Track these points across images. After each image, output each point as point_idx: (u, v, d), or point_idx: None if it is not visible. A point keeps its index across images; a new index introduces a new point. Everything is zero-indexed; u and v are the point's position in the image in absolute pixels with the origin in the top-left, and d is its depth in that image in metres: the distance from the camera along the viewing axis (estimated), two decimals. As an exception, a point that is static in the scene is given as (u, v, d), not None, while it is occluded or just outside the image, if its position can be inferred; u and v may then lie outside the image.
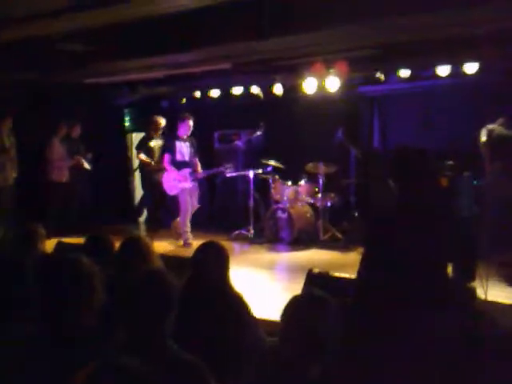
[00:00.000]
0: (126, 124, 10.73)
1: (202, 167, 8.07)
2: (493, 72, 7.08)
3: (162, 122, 8.53)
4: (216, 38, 5.93)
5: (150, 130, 8.56)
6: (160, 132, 8.55)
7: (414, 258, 2.68)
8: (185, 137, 7.82)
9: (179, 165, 7.75)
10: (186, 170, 7.79)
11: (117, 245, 3.42)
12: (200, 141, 8.24)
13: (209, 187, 9.92)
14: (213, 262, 2.98)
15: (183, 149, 7.83)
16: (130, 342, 2.04)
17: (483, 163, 6.59)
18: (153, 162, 8.39)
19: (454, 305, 2.72)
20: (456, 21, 5.14)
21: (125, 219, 9.70)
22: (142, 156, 8.45)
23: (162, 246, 7.53)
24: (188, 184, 7.79)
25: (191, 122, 7.78)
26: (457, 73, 7.20)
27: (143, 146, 8.51)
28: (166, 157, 7.77)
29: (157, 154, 8.40)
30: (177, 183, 7.75)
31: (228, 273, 3.03)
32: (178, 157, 7.78)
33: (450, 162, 6.89)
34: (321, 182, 8.05)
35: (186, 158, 7.83)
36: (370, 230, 2.95)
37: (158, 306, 2.08)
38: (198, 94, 9.49)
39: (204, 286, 2.89)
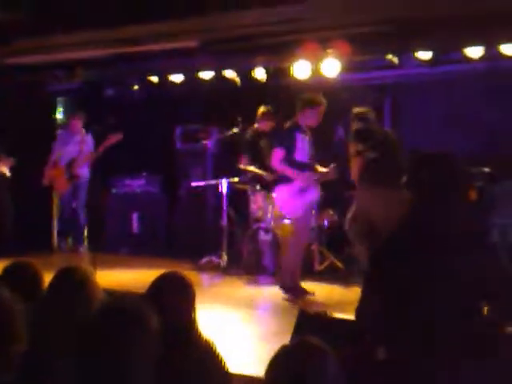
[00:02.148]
0: (59, 117, 10.68)
1: (159, 174, 8.06)
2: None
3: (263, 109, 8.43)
4: (179, 8, 5.96)
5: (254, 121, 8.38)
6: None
7: (436, 302, 2.71)
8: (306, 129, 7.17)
9: (301, 167, 7.02)
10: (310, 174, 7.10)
11: (46, 277, 3.40)
12: (156, 139, 8.26)
13: (169, 201, 9.91)
14: (173, 300, 2.96)
15: (306, 145, 7.13)
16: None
17: None
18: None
19: (494, 358, 2.75)
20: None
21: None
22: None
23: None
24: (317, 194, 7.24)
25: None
26: (492, 55, 7.31)
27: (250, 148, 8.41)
28: (281, 153, 6.94)
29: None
30: (303, 196, 7.03)
31: (194, 314, 3.02)
32: (299, 155, 7.03)
33: (486, 169, 6.96)
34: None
35: (307, 159, 7.14)
36: (370, 261, 2.98)
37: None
38: (154, 78, 9.50)
39: (162, 333, 2.86)
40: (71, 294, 3.07)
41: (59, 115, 10.75)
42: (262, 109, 8.42)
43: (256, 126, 8.46)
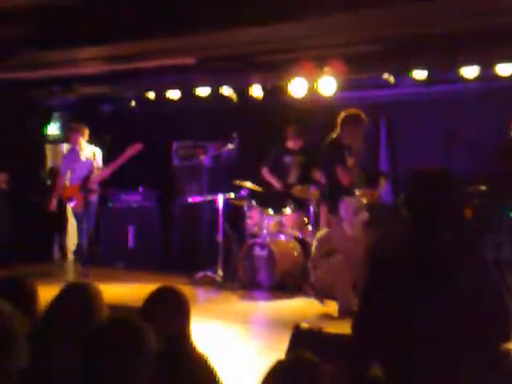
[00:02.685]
0: (54, 132, 10.68)
1: (155, 189, 8.05)
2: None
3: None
4: (176, 25, 5.99)
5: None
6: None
7: (427, 316, 2.71)
8: None
9: None
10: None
11: (41, 292, 3.39)
12: (154, 155, 8.27)
13: (164, 216, 9.91)
14: (167, 314, 2.96)
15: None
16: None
17: None
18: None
19: (486, 372, 2.74)
20: (486, 8, 5.28)
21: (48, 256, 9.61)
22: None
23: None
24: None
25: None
26: (487, 75, 7.37)
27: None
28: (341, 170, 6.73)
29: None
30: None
31: (189, 328, 3.02)
32: None
33: (482, 187, 6.98)
34: (311, 210, 8.10)
35: None
36: (367, 277, 2.96)
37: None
38: (151, 95, 9.53)
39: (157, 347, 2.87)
40: (79, 310, 3.07)
41: (54, 130, 10.74)
42: (291, 127, 8.52)
43: (288, 143, 8.58)
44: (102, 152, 8.67)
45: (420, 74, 7.66)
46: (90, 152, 8.66)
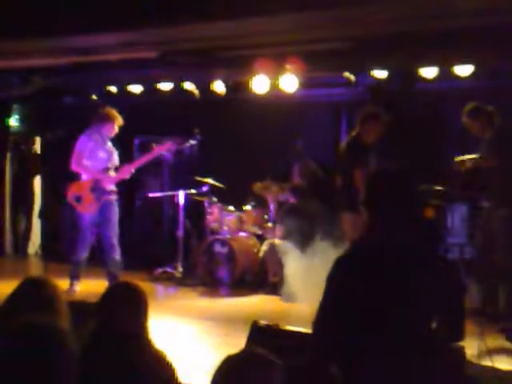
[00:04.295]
0: (13, 124, 10.53)
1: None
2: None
3: None
4: (139, 18, 5.94)
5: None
6: None
7: (385, 315, 2.73)
8: None
9: None
10: None
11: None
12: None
13: (126, 211, 9.82)
14: (125, 310, 2.94)
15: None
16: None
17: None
18: None
19: (438, 370, 2.78)
20: (443, 10, 5.36)
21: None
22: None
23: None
24: None
25: None
26: (445, 75, 7.47)
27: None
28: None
29: None
30: None
31: (146, 324, 3.00)
32: None
33: (440, 188, 7.05)
34: (272, 207, 8.12)
35: None
36: (328, 276, 2.98)
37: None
38: (113, 88, 9.46)
39: (112, 342, 2.85)
40: (37, 306, 3.02)
41: (14, 122, 10.58)
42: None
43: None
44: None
45: (380, 74, 7.75)
46: (111, 147, 7.82)
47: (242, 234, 8.35)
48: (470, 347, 4.30)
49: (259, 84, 8.04)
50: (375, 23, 5.78)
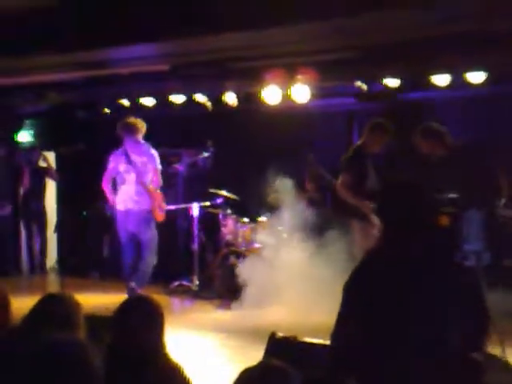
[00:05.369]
0: (23, 139, 10.60)
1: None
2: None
3: None
4: (150, 31, 5.97)
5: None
6: None
7: (402, 327, 2.72)
8: None
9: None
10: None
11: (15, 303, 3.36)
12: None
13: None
14: (140, 323, 2.93)
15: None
16: None
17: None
18: None
19: (455, 382, 2.76)
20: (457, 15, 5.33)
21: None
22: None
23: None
24: None
25: None
26: (459, 83, 7.43)
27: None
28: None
29: None
30: None
31: (163, 338, 2.99)
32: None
33: (453, 195, 7.01)
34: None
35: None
36: (345, 286, 2.96)
37: None
38: (125, 102, 9.48)
39: (129, 356, 2.83)
40: (58, 321, 3.03)
41: (27, 137, 10.64)
42: None
43: None
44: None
45: (393, 82, 7.72)
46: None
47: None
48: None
49: (271, 95, 8.04)
50: (385, 31, 5.77)
